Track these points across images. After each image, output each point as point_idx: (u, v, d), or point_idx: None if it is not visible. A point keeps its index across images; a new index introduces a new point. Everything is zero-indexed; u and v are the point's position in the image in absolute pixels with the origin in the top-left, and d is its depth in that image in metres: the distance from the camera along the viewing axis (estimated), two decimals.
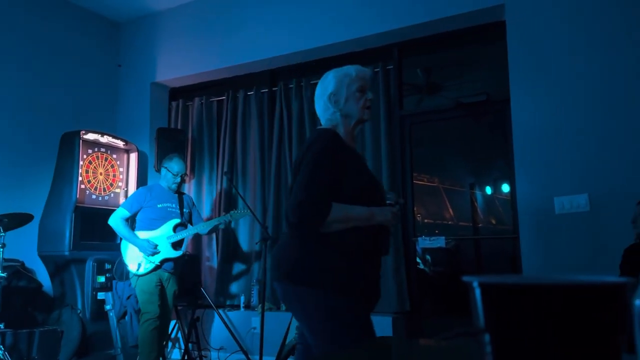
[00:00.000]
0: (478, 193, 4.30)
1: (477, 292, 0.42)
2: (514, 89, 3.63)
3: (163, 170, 3.88)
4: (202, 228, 3.85)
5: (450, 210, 4.45)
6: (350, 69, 1.96)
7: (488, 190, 4.29)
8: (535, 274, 0.48)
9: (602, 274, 2.75)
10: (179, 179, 3.84)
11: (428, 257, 4.34)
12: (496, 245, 4.17)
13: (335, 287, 1.71)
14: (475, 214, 4.28)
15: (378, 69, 4.36)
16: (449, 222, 4.48)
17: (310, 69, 4.74)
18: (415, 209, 4.28)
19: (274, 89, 4.92)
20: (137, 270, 3.64)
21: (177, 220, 3.79)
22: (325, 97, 1.93)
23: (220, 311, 4.36)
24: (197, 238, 4.86)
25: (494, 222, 4.31)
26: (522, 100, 3.59)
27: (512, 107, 3.63)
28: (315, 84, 2.01)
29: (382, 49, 4.43)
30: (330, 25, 4.39)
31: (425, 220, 4.45)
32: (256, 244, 4.64)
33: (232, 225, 4.73)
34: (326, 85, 1.94)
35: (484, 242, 4.20)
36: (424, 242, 4.16)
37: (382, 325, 3.86)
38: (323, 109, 1.95)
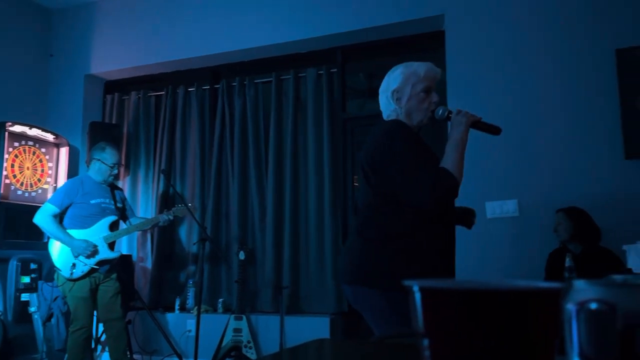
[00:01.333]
0: None
1: (417, 296, 0.41)
2: (451, 97, 3.75)
3: (96, 163, 3.54)
4: (141, 225, 3.64)
5: None
6: (420, 67, 1.90)
7: None
8: (472, 278, 0.48)
9: (530, 276, 2.90)
10: (116, 171, 3.58)
11: None
12: None
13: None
14: None
15: (322, 72, 4.38)
16: None
17: (254, 68, 4.69)
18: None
19: (216, 86, 4.83)
20: (70, 273, 3.31)
21: (114, 218, 3.52)
22: (389, 92, 1.89)
23: (155, 313, 4.22)
24: (130, 237, 4.68)
25: None
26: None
27: None
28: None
29: (326, 51, 4.45)
30: (275, 26, 4.36)
31: None
32: (194, 244, 4.53)
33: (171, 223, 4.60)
34: (392, 80, 1.91)
35: None
36: None
37: (319, 326, 3.87)
38: (385, 104, 1.93)
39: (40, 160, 4.67)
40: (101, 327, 3.77)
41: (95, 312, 3.50)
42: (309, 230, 4.23)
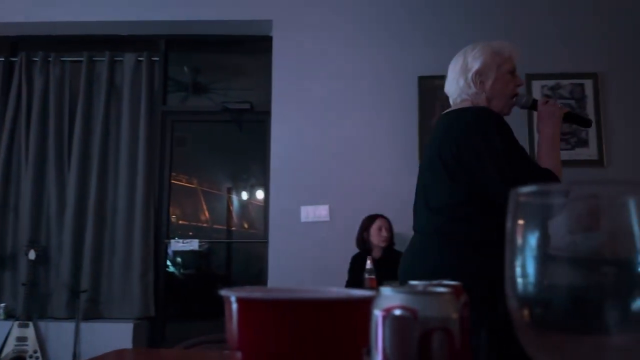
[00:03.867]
0: (235, 197, 4.40)
1: (234, 306, 0.39)
2: (275, 103, 3.84)
3: None
4: None
5: (207, 213, 4.45)
6: (504, 47, 1.69)
7: (244, 195, 4.42)
8: (287, 283, 0.47)
9: (339, 278, 3.08)
10: None
11: (179, 259, 4.24)
12: (247, 248, 4.33)
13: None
14: (230, 218, 4.36)
15: (142, 59, 4.10)
16: (204, 225, 4.46)
17: (63, 44, 4.19)
18: (170, 209, 4.14)
19: (12, 59, 4.19)
20: None
21: None
22: (470, 73, 1.65)
23: None
24: None
25: (246, 226, 4.46)
26: (281, 115, 3.82)
27: (272, 119, 3.83)
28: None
29: (149, 38, 4.19)
30: (94, 1, 3.97)
31: (180, 222, 4.35)
32: None
33: None
34: (471, 60, 1.66)
35: (236, 245, 4.31)
36: (176, 245, 4.05)
37: (121, 333, 3.60)
38: (462, 87, 1.67)
39: None
40: None
41: None
42: (116, 229, 3.92)
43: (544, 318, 0.34)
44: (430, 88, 3.69)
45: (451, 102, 1.74)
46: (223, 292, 0.40)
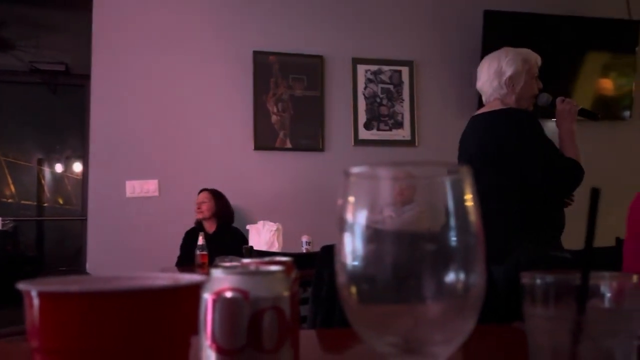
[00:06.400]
0: (47, 170, 3.94)
1: (36, 302, 0.34)
2: (96, 66, 3.48)
3: None
4: None
5: (12, 187, 3.92)
6: (531, 55, 2.04)
7: (58, 167, 3.99)
8: (108, 274, 0.43)
9: (169, 255, 2.97)
10: None
11: None
12: (63, 226, 3.93)
13: None
14: (41, 193, 3.90)
15: None
16: (10, 201, 3.94)
17: None
18: None
19: None
20: None
21: None
22: (504, 78, 1.98)
23: None
24: None
25: (61, 202, 4.05)
26: (102, 80, 3.48)
27: (92, 84, 3.47)
28: None
29: None
30: None
31: None
32: None
33: None
34: (504, 66, 1.99)
35: (49, 223, 3.88)
36: None
37: None
38: (495, 88, 2.01)
39: None
40: None
41: None
42: None
43: (369, 293, 0.35)
44: (265, 63, 3.69)
45: (484, 99, 2.10)
46: (22, 286, 0.34)
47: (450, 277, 0.34)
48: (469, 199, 0.36)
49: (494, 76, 2.02)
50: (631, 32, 3.95)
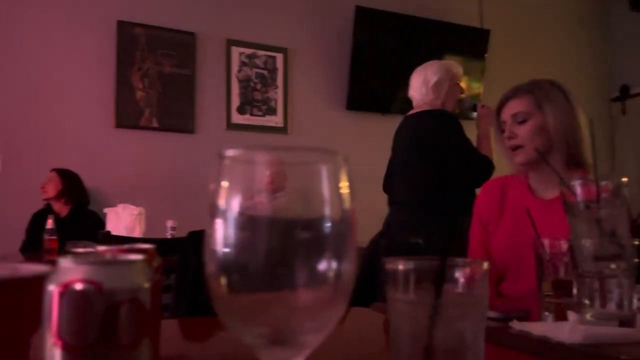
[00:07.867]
0: None
1: None
2: None
3: None
4: None
5: None
6: (453, 65, 2.39)
7: None
8: None
9: (15, 238, 2.65)
10: None
11: None
12: None
13: None
14: None
15: None
16: None
17: None
18: None
19: None
20: None
21: None
22: (430, 85, 2.31)
23: None
24: None
25: None
26: None
27: None
28: None
29: None
30: None
31: None
32: None
33: None
34: (429, 74, 2.32)
35: None
36: None
37: None
38: (423, 94, 2.32)
39: None
40: None
41: None
42: None
43: (240, 282, 0.34)
44: (131, 35, 3.44)
45: (414, 104, 2.39)
46: None
47: (323, 264, 0.33)
48: (344, 187, 0.36)
49: (422, 84, 2.34)
50: (482, 39, 4.36)
